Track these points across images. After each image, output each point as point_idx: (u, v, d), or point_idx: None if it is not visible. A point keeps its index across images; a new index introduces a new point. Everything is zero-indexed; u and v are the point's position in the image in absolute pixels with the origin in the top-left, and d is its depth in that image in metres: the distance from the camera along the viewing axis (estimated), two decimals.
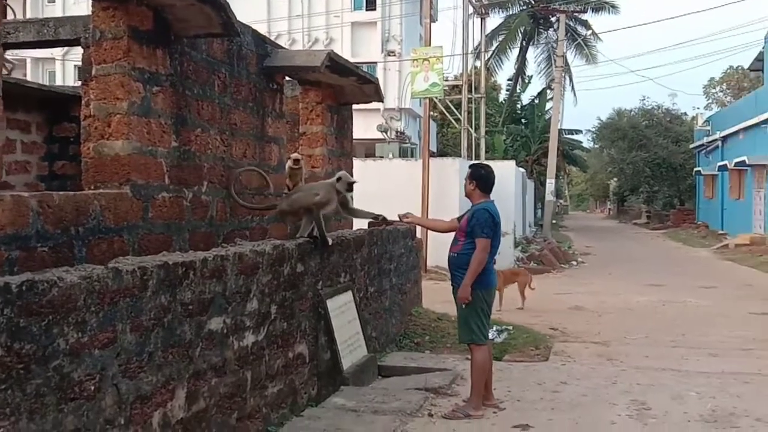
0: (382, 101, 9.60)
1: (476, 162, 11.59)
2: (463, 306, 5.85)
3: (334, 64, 7.63)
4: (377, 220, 6.92)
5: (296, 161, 7.50)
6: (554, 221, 34.46)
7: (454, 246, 6.05)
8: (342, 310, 6.68)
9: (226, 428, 4.74)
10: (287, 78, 8.60)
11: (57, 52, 27.86)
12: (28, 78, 22.53)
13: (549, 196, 28.06)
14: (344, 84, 8.65)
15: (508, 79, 41.93)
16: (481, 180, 6.03)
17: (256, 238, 6.47)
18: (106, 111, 5.13)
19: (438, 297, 10.85)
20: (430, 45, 16.97)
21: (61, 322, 3.27)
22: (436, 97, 19.53)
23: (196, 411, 4.38)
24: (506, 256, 17.26)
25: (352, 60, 8.79)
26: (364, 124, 25.53)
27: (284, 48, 7.43)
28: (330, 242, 6.21)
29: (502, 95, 42.76)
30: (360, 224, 9.54)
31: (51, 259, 4.31)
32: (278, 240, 5.80)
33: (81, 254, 4.58)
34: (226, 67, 6.40)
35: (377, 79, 8.81)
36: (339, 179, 6.32)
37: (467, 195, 6.13)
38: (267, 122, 7.17)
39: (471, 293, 5.77)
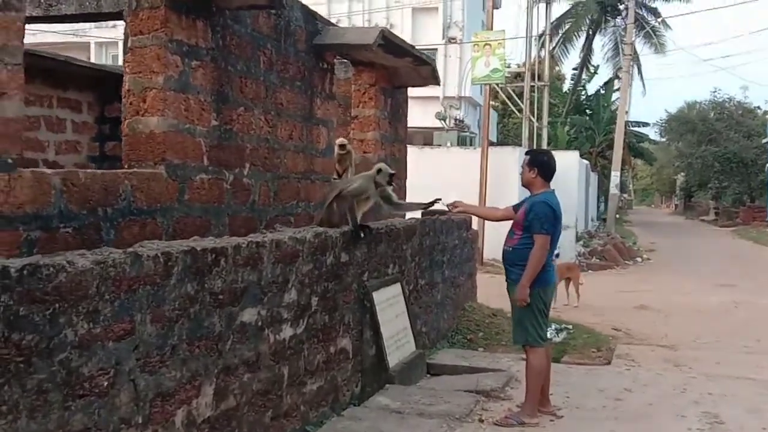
0: (439, 84, 9.16)
1: (535, 148, 10.99)
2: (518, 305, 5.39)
3: (388, 43, 7.23)
4: (431, 205, 6.21)
5: (342, 146, 7.14)
6: (618, 216, 33.40)
7: (509, 239, 5.58)
8: (390, 303, 6.29)
9: (260, 427, 4.40)
10: (339, 58, 8.25)
11: (120, 35, 28.01)
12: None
13: (613, 189, 27.09)
14: (399, 65, 8.24)
15: (573, 69, 40.75)
16: (543, 167, 5.53)
17: (302, 225, 6.11)
18: (142, 85, 4.85)
19: (494, 291, 10.35)
20: (492, 29, 16.41)
21: (69, 311, 2.96)
22: (498, 84, 18.94)
23: (226, 409, 4.05)
24: (567, 251, 16.64)
25: None
26: (423, 112, 25.03)
27: (335, 25, 7.04)
28: (362, 234, 5.74)
29: (567, 85, 41.66)
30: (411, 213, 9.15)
31: (75, 242, 4.03)
32: (321, 227, 5.43)
33: (109, 237, 4.31)
34: (272, 43, 6.06)
35: (434, 60, 8.37)
36: (379, 171, 5.89)
37: (526, 184, 5.64)
38: (315, 103, 6.82)
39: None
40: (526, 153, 6.05)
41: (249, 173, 5.78)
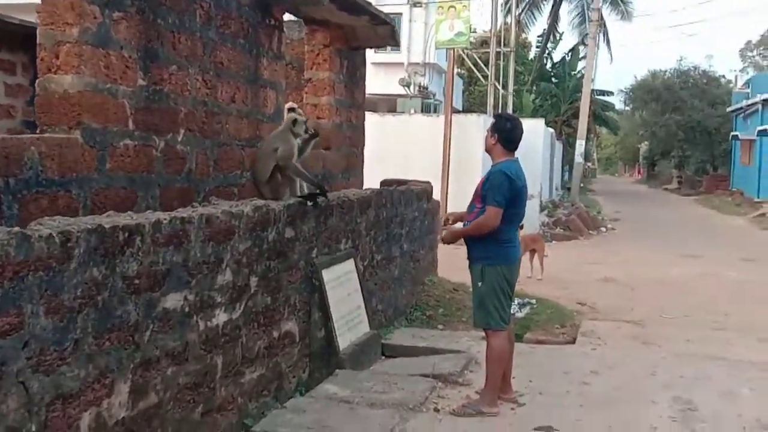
0: (398, 45, 8.73)
1: (501, 113, 10.51)
2: (479, 284, 4.94)
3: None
4: (314, 192, 5.38)
5: (291, 110, 6.58)
6: (582, 185, 33.25)
7: (469, 213, 5.12)
8: (341, 281, 5.82)
9: (188, 425, 3.92)
10: (293, 17, 7.68)
11: None
12: None
13: (578, 158, 26.80)
14: (356, 25, 7.69)
15: (539, 36, 40.26)
16: (503, 134, 5.04)
17: (247, 197, 5.58)
18: (54, 39, 4.27)
19: (456, 264, 9.93)
20: None
21: None
22: (463, 50, 18.35)
23: (145, 408, 3.56)
24: (532, 221, 16.26)
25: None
26: (386, 79, 24.42)
27: None
28: (326, 197, 5.33)
29: (533, 53, 41.17)
30: (371, 183, 8.68)
31: None
32: (261, 200, 4.91)
33: (12, 211, 3.77)
34: None
35: (393, 19, 7.82)
36: (294, 122, 5.34)
37: (487, 150, 5.16)
38: (262, 63, 6.26)
39: (481, 268, 4.95)
40: (493, 116, 5.56)
41: (184, 139, 5.23)
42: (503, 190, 4.83)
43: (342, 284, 5.85)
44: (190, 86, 5.29)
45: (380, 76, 25.76)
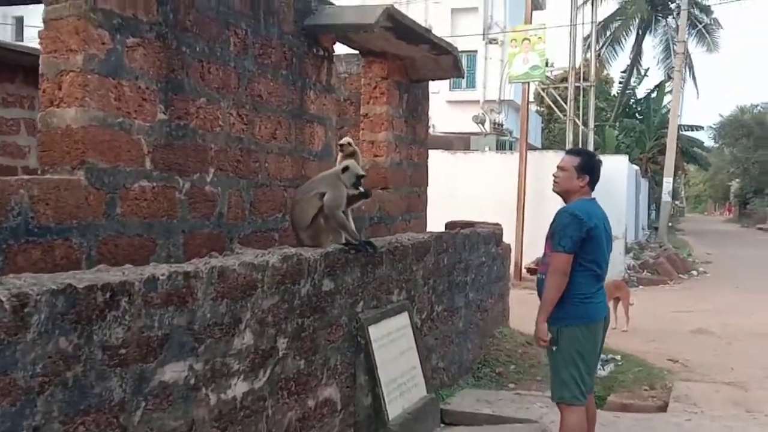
0: (462, 76, 7.98)
1: (580, 148, 9.64)
2: (553, 349, 4.17)
3: (398, 25, 6.08)
4: (349, 245, 4.64)
5: (342, 147, 6.01)
6: (670, 224, 31.61)
7: (542, 264, 4.38)
8: (392, 338, 5.12)
9: None
10: (350, 50, 7.15)
11: None
12: None
13: (666, 197, 25.37)
14: (415, 55, 7.10)
15: (622, 72, 38.95)
16: (594, 173, 4.24)
17: (289, 242, 4.98)
18: (57, 68, 3.80)
19: (531, 312, 9.10)
20: (531, 24, 15.11)
21: None
22: (540, 84, 17.54)
23: None
24: (616, 264, 15.21)
25: None
26: (462, 117, 23.88)
27: (331, 3, 5.93)
28: (371, 249, 4.68)
29: (615, 89, 39.88)
30: (440, 225, 8.01)
31: None
32: (292, 248, 4.28)
33: None
34: (247, 22, 4.98)
35: (456, 48, 7.19)
36: (346, 169, 4.70)
37: (565, 191, 4.32)
38: (308, 96, 5.72)
39: (556, 330, 4.17)
40: (571, 153, 4.70)
41: (214, 179, 4.70)
42: (570, 232, 4.05)
43: (393, 342, 5.15)
44: (222, 121, 4.76)
45: (456, 114, 25.23)
